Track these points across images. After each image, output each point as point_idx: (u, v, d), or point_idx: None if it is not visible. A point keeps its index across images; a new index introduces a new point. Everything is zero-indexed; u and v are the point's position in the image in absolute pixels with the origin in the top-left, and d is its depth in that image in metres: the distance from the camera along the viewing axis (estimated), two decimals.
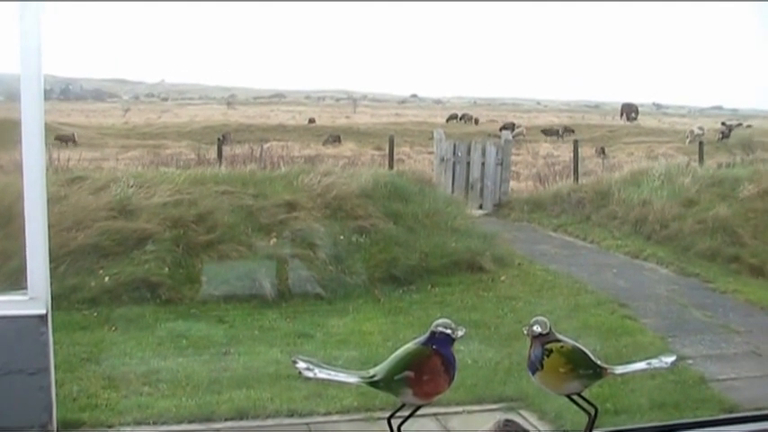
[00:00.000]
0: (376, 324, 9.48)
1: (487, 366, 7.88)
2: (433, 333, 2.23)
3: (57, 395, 3.34)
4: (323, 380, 2.26)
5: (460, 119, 36.48)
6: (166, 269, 10.18)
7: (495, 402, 7.24)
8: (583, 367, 2.34)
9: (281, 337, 8.98)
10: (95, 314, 9.31)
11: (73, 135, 23.62)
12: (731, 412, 6.94)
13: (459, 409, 6.93)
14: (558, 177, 19.25)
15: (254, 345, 8.73)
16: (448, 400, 6.82)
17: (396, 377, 2.19)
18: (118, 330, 8.97)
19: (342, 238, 11.27)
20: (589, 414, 2.41)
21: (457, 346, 2.28)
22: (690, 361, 8.33)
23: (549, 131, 33.91)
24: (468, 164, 17.78)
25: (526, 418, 6.69)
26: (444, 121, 35.27)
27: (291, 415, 6.92)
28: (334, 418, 6.89)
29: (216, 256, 10.56)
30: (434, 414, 6.64)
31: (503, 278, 11.41)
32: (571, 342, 2.36)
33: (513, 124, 32.32)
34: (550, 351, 2.32)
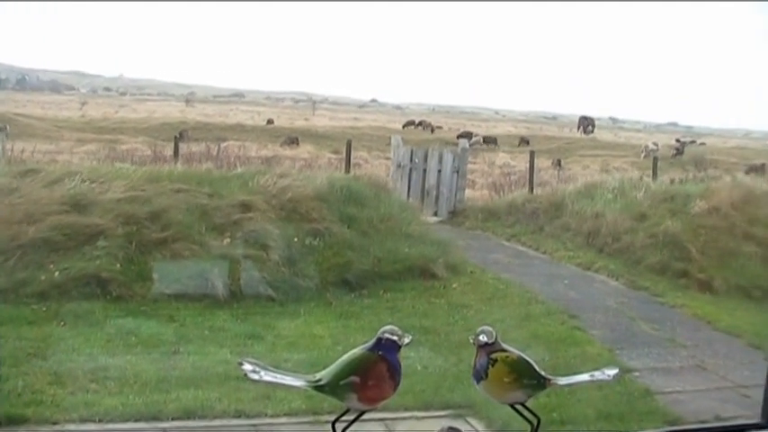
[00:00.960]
0: (327, 327, 9.46)
1: (436, 373, 7.89)
2: (379, 339, 2.25)
3: (1, 390, 3.31)
4: (269, 383, 2.26)
5: (418, 125, 36.65)
6: (118, 266, 10.08)
7: (443, 409, 7.25)
8: (527, 377, 2.38)
9: (231, 338, 8.93)
10: (44, 309, 9.18)
11: (6, 127, 22.66)
12: (674, 424, 7.05)
13: (407, 414, 6.94)
14: (513, 187, 19.44)
15: (204, 345, 8.67)
16: (396, 405, 6.84)
17: (341, 382, 2.20)
18: (66, 326, 8.86)
19: (296, 240, 11.24)
20: (531, 424, 2.44)
21: (407, 352, 2.30)
22: (636, 373, 8.42)
23: (488, 139, 34.22)
24: (425, 171, 17.87)
25: (473, 426, 6.73)
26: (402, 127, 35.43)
27: (239, 416, 6.88)
28: (282, 420, 6.86)
29: (168, 255, 10.48)
30: (382, 419, 6.65)
31: (455, 285, 11.46)
32: (516, 352, 2.39)
33: (471, 133, 32.54)
34: (495, 360, 2.34)
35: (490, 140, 34.03)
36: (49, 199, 10.83)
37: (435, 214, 17.37)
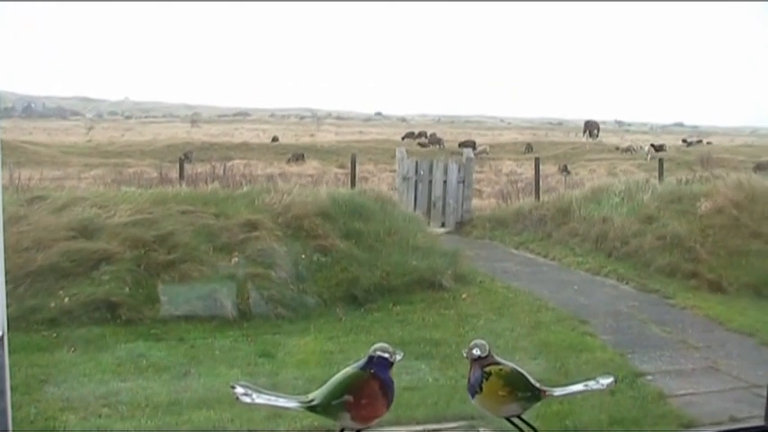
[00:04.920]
0: (337, 343, 9.43)
1: (448, 385, 7.85)
2: (371, 357, 2.25)
3: (13, 418, 3.31)
4: (261, 405, 2.26)
5: (417, 136, 36.57)
6: (127, 289, 10.09)
7: (455, 420, 7.21)
8: (521, 390, 2.37)
9: (241, 358, 8.90)
10: (55, 335, 9.19)
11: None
12: (689, 427, 7.00)
13: (419, 428, 6.91)
14: (520, 195, 19.44)
15: (215, 365, 8.65)
16: (408, 418, 6.83)
17: (334, 402, 2.19)
18: (77, 351, 8.86)
19: (303, 257, 11.25)
20: None
21: (418, 365, 2.31)
22: (649, 377, 8.38)
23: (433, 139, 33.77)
24: (431, 182, 17.88)
25: None
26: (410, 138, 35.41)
27: None
28: None
29: (177, 277, 10.48)
30: None
31: (464, 296, 11.43)
32: (510, 365, 2.39)
33: (474, 142, 32.47)
34: (489, 374, 2.34)
35: (435, 141, 33.52)
36: (57, 225, 10.86)
37: (443, 225, 17.38)
